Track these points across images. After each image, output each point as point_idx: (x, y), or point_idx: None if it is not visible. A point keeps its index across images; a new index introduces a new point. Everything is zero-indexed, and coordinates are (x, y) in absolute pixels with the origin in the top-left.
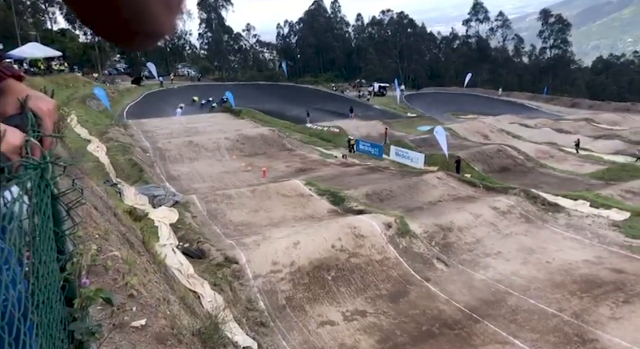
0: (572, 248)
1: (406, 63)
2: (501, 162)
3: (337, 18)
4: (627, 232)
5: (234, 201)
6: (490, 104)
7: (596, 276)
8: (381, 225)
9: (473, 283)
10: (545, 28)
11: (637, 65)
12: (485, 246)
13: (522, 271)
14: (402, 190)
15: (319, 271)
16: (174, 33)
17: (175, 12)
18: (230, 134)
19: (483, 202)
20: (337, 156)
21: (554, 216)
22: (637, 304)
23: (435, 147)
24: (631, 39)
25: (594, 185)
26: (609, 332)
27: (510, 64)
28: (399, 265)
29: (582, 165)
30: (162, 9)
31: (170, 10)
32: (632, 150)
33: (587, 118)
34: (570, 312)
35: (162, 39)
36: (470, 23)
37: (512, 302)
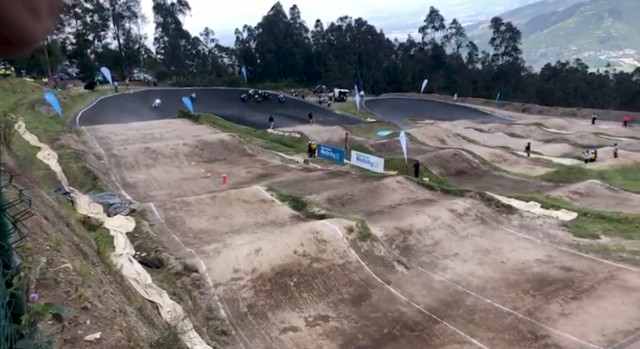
0: (525, 248)
1: (365, 69)
2: (457, 166)
3: (296, 24)
4: (574, 232)
5: (193, 209)
6: (447, 109)
7: (547, 274)
8: (343, 230)
9: (432, 284)
10: (497, 36)
11: (581, 73)
12: (444, 248)
13: (479, 271)
14: (363, 194)
15: (281, 278)
16: (45, 39)
17: (43, 17)
18: (189, 140)
19: (441, 205)
20: (298, 161)
21: (508, 218)
22: (584, 301)
23: (394, 152)
24: (575, 47)
25: (544, 187)
26: (559, 328)
27: (465, 71)
28: (360, 269)
29: (533, 167)
30: (25, 14)
31: (37, 15)
32: (578, 152)
33: (537, 122)
34: (524, 310)
35: (32, 46)
36: (426, 30)
37: (469, 302)
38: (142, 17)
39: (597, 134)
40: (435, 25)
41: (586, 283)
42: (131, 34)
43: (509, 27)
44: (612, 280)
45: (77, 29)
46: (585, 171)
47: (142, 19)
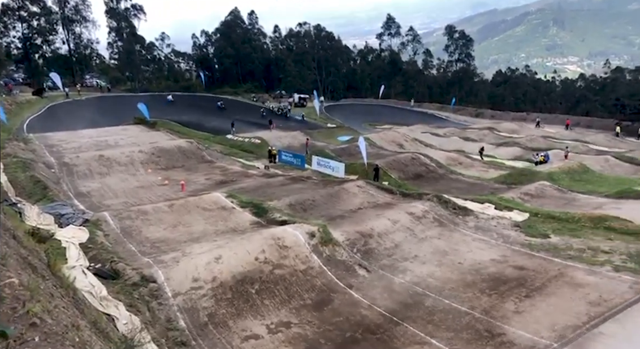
0: (480, 248)
1: (324, 74)
2: (415, 169)
3: (254, 29)
4: (526, 232)
5: (150, 217)
6: (404, 115)
7: (502, 274)
8: (305, 235)
9: (393, 287)
10: (451, 43)
11: (530, 79)
12: (404, 251)
13: (437, 273)
14: (325, 199)
15: (242, 285)
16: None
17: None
18: (145, 147)
19: (400, 208)
20: (259, 167)
21: (464, 219)
22: (537, 298)
23: (355, 156)
24: (524, 54)
25: (497, 189)
26: (514, 325)
27: (421, 76)
28: (322, 274)
29: (487, 170)
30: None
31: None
32: (528, 155)
33: (490, 127)
34: (481, 309)
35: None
36: (383, 37)
37: (429, 303)
38: (93, 21)
39: (546, 137)
40: (391, 32)
41: (538, 281)
42: (82, 38)
43: (462, 34)
44: (561, 277)
45: (23, 33)
46: (536, 173)
47: (93, 23)
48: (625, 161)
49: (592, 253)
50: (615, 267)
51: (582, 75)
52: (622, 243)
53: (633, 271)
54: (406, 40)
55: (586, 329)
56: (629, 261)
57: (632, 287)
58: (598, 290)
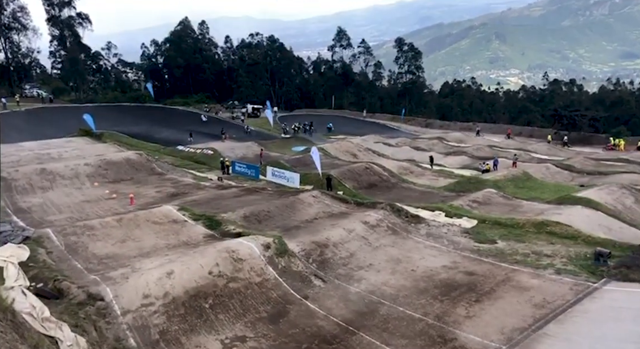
0: (432, 255)
1: (278, 85)
2: (369, 179)
3: (205, 39)
4: (475, 238)
5: (97, 233)
6: (357, 125)
7: (453, 279)
8: (260, 247)
9: (349, 296)
10: (401, 55)
11: (475, 90)
12: (359, 260)
13: (392, 280)
14: (280, 210)
15: (195, 300)
16: None
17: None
18: (91, 160)
19: (355, 217)
20: (212, 179)
21: (416, 227)
22: (486, 303)
23: (309, 167)
24: (469, 66)
25: (447, 197)
26: (465, 330)
27: (373, 88)
28: (278, 286)
29: (437, 179)
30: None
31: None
32: (475, 164)
33: (439, 136)
34: (434, 315)
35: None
36: (335, 49)
37: (383, 311)
38: (34, 29)
39: (491, 147)
40: (343, 44)
41: (487, 285)
42: (20, 47)
43: (411, 47)
44: (508, 281)
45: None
46: (483, 181)
47: (34, 31)
48: (563, 168)
49: (536, 257)
50: (557, 270)
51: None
52: (562, 247)
53: (573, 274)
54: (358, 52)
55: (532, 331)
56: (569, 263)
57: (572, 289)
58: (542, 293)
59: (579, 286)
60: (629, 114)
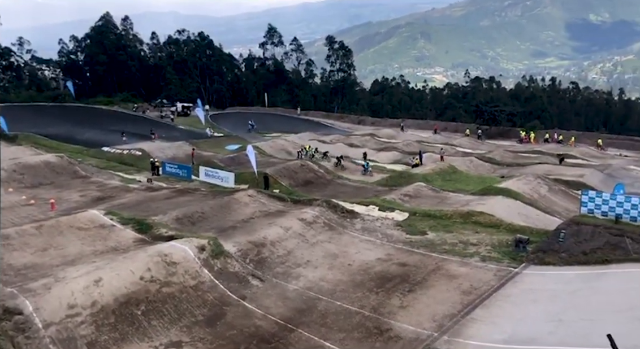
0: (367, 249)
1: (208, 83)
2: (305, 176)
3: (129, 35)
4: (407, 230)
5: (13, 242)
6: (292, 123)
7: (387, 271)
8: (194, 249)
9: (287, 294)
10: (332, 53)
11: (404, 88)
12: (296, 257)
13: (329, 276)
14: (215, 210)
15: (126, 308)
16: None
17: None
18: (4, 164)
19: (291, 215)
20: (141, 181)
21: (352, 222)
22: (418, 292)
23: (244, 165)
24: (397, 65)
25: (380, 191)
26: (399, 320)
27: (306, 85)
28: (214, 288)
29: (370, 174)
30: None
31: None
32: (406, 159)
33: (371, 133)
34: (370, 307)
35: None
36: (266, 46)
37: (321, 307)
38: None
39: (420, 142)
40: (274, 42)
41: (419, 275)
42: None
43: (341, 45)
44: (438, 270)
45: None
46: (413, 175)
47: None
48: (485, 161)
49: (463, 246)
50: (482, 257)
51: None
52: (487, 236)
53: (496, 260)
54: (290, 49)
55: (461, 317)
56: (493, 251)
57: (496, 274)
58: (469, 280)
59: (501, 272)
60: (541, 109)
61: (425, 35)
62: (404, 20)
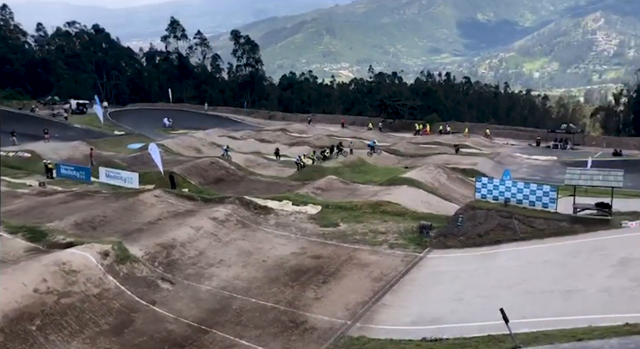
0: (282, 244)
1: (106, 78)
2: (215, 174)
3: (10, 26)
4: (320, 223)
5: None
6: (199, 119)
7: (302, 265)
8: (96, 256)
9: (200, 295)
10: (238, 48)
11: (312, 83)
12: (209, 257)
13: (244, 274)
14: (118, 213)
15: (18, 324)
16: None
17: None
18: None
19: (202, 214)
20: (31, 185)
21: (266, 218)
22: (332, 283)
23: (149, 165)
24: (305, 60)
25: (293, 186)
26: (314, 311)
27: (213, 80)
28: (120, 294)
29: (283, 169)
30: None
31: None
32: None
33: (282, 128)
34: (285, 302)
35: None
36: (169, 40)
37: (236, 305)
38: None
39: (330, 136)
40: (177, 35)
41: (332, 266)
42: None
43: (247, 39)
44: (350, 260)
45: None
46: (324, 169)
47: None
48: (391, 153)
49: (373, 235)
50: (390, 245)
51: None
52: (394, 224)
53: (403, 247)
54: (194, 43)
55: (372, 303)
56: (400, 238)
57: (403, 260)
58: (379, 267)
59: (408, 258)
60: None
61: (331, 31)
62: (309, 16)
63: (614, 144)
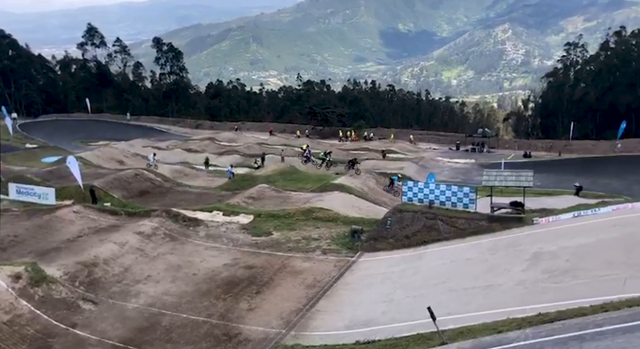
0: (213, 256)
1: (14, 88)
2: (140, 186)
3: None
4: (253, 232)
5: None
6: (121, 129)
7: (234, 276)
8: (6, 279)
9: (126, 314)
10: (161, 55)
11: (240, 91)
12: (135, 273)
13: (173, 289)
14: (31, 232)
15: None
16: None
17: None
18: None
19: (127, 229)
20: None
21: (195, 230)
22: (266, 292)
23: (67, 179)
24: (232, 68)
25: (224, 196)
26: (248, 322)
27: (135, 89)
28: (36, 319)
29: (213, 179)
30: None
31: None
32: (248, 161)
33: (211, 137)
34: (217, 315)
35: None
36: (86, 47)
37: (166, 322)
38: None
39: (261, 144)
40: (95, 42)
41: (266, 276)
42: None
43: (170, 47)
44: (284, 268)
45: None
46: (256, 177)
47: None
48: None
49: (306, 242)
50: (323, 251)
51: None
52: (326, 230)
53: (336, 252)
54: (113, 51)
55: (306, 310)
56: (333, 243)
57: (336, 265)
58: (313, 273)
59: (341, 262)
60: (365, 109)
61: (257, 39)
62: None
63: (524, 147)
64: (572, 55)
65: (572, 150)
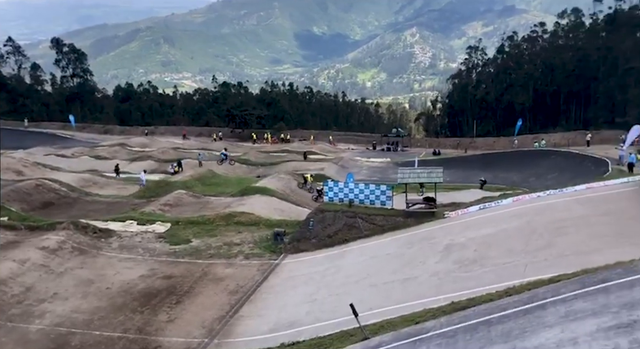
0: (128, 268)
1: None
2: (43, 198)
3: None
4: (170, 241)
5: None
6: (18, 137)
7: (152, 287)
8: None
9: (29, 336)
10: (62, 57)
11: (153, 93)
12: (39, 292)
13: (84, 305)
14: None
15: None
16: None
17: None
18: None
19: (29, 244)
20: None
21: (107, 242)
22: (186, 302)
23: None
24: (142, 69)
25: (137, 204)
26: (168, 334)
27: (33, 93)
28: None
29: (125, 187)
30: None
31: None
32: (163, 167)
33: (121, 143)
34: (134, 329)
35: None
36: None
37: (76, 341)
38: None
39: (176, 148)
40: None
41: (186, 285)
42: None
43: (72, 48)
44: (205, 276)
45: None
46: (172, 183)
47: None
48: (242, 162)
49: (228, 248)
50: (246, 255)
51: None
52: (249, 234)
53: (259, 256)
54: (5, 51)
55: (229, 317)
56: (255, 247)
57: (259, 269)
58: (235, 279)
59: (264, 266)
60: (284, 111)
61: (169, 40)
62: (143, 24)
63: (434, 145)
64: (474, 58)
65: (477, 146)
